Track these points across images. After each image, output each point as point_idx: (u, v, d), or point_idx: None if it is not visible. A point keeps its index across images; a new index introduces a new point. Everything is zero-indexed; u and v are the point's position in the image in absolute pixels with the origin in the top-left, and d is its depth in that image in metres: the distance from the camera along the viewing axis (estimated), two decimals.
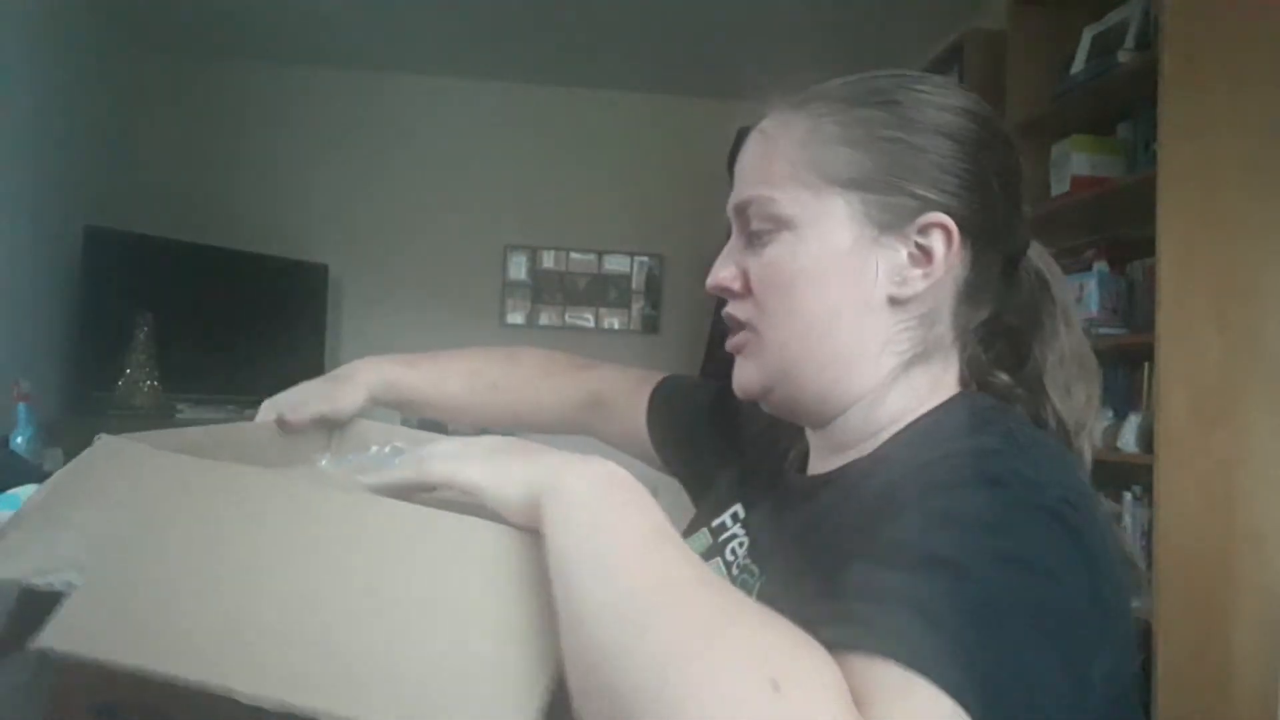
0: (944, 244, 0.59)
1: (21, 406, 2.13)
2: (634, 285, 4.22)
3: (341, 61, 3.96)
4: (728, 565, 0.68)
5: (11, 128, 2.95)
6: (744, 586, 0.64)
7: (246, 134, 3.97)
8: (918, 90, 0.62)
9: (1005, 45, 2.63)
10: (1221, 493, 1.92)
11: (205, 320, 3.42)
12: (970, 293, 0.62)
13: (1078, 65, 2.35)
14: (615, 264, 4.21)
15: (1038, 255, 0.67)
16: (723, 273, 0.65)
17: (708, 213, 4.15)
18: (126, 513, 0.48)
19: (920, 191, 0.59)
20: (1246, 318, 1.95)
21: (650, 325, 4.21)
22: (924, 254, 0.60)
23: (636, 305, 4.21)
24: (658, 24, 3.44)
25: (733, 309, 0.65)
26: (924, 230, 0.59)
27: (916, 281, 0.60)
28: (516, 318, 4.15)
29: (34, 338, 3.08)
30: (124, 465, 0.52)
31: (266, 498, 0.51)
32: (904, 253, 0.60)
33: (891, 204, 0.59)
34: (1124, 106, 2.31)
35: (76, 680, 0.49)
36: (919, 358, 0.61)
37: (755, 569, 0.65)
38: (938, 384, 0.62)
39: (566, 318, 4.17)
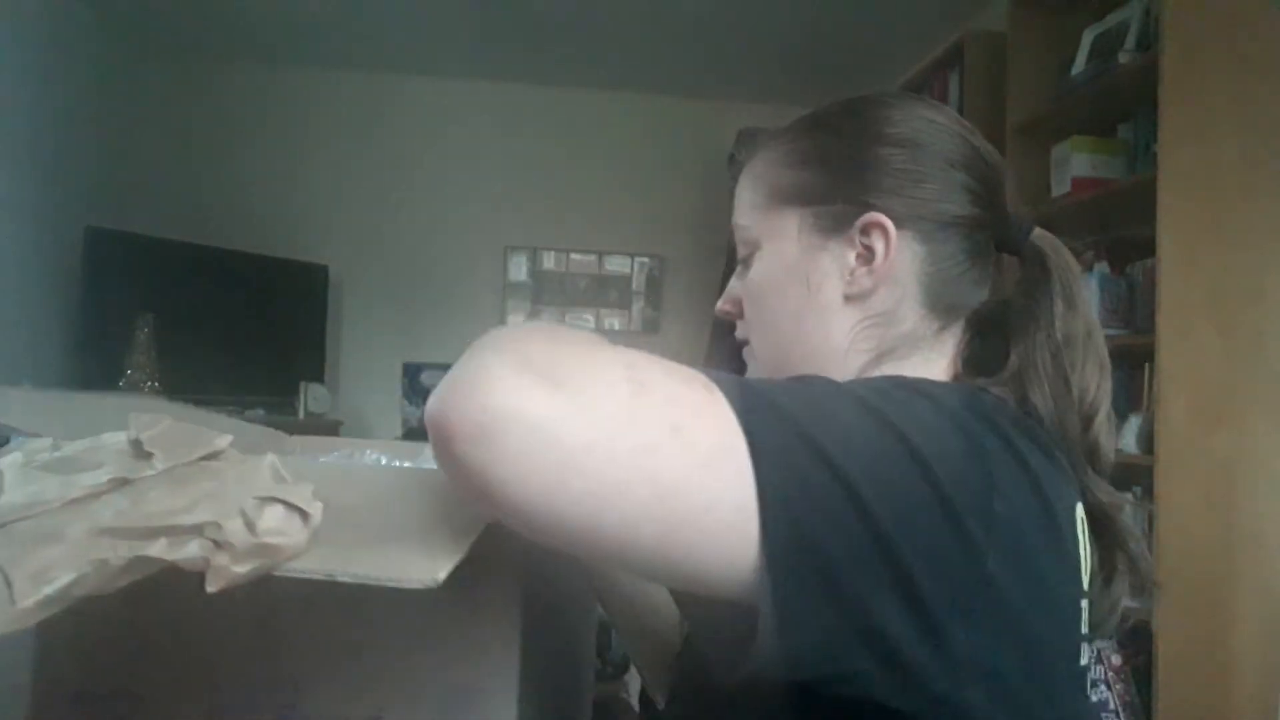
0: (883, 241, 0.63)
1: None
2: (634, 286, 4.22)
3: (341, 63, 3.96)
4: None
5: (12, 128, 2.95)
6: None
7: (246, 134, 3.97)
8: (865, 110, 0.67)
9: (1005, 45, 2.63)
10: (1221, 493, 1.92)
11: (205, 320, 3.42)
12: (939, 285, 0.64)
13: (1078, 66, 2.35)
14: (616, 264, 4.21)
15: (1041, 239, 0.68)
16: (722, 301, 0.73)
17: (708, 213, 4.17)
18: None
19: (859, 196, 0.64)
20: (1246, 318, 1.95)
21: (651, 326, 4.21)
22: (869, 252, 0.64)
23: (637, 306, 4.22)
24: (657, 25, 3.45)
25: (738, 331, 0.72)
26: (865, 230, 0.64)
27: (864, 279, 0.64)
28: (517, 318, 4.15)
29: (34, 338, 3.08)
30: None
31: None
32: (851, 254, 0.64)
33: (833, 211, 0.65)
34: (1124, 107, 2.32)
35: (54, 670, 0.53)
36: (889, 354, 0.63)
37: None
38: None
39: (567, 318, 4.17)
